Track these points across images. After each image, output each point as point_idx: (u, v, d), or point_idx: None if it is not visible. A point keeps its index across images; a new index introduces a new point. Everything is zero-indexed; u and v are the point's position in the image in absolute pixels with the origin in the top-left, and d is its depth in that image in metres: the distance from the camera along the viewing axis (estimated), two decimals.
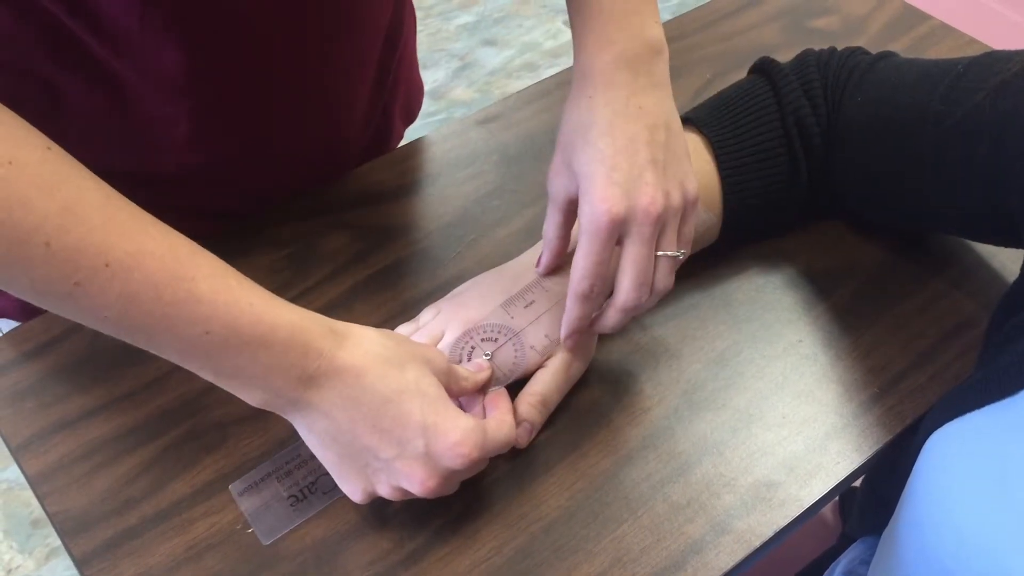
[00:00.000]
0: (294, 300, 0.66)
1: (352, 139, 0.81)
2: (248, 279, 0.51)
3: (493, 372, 0.60)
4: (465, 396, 0.58)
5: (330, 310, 0.67)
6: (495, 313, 0.62)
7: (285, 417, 0.52)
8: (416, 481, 0.51)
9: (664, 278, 0.57)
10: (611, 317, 0.58)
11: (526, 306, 0.62)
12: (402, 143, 0.91)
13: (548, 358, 0.61)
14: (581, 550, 0.56)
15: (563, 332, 0.59)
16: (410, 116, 0.93)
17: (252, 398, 0.50)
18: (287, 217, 0.74)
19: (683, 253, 0.58)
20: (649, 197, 0.55)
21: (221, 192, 0.75)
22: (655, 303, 0.59)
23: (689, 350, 0.66)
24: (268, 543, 0.56)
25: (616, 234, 0.55)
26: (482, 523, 0.57)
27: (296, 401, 0.50)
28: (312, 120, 0.75)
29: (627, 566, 0.55)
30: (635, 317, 0.60)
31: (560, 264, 0.63)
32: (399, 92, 0.86)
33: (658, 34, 0.58)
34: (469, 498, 0.58)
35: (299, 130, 0.74)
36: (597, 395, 0.63)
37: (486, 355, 0.61)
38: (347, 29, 0.70)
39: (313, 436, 0.52)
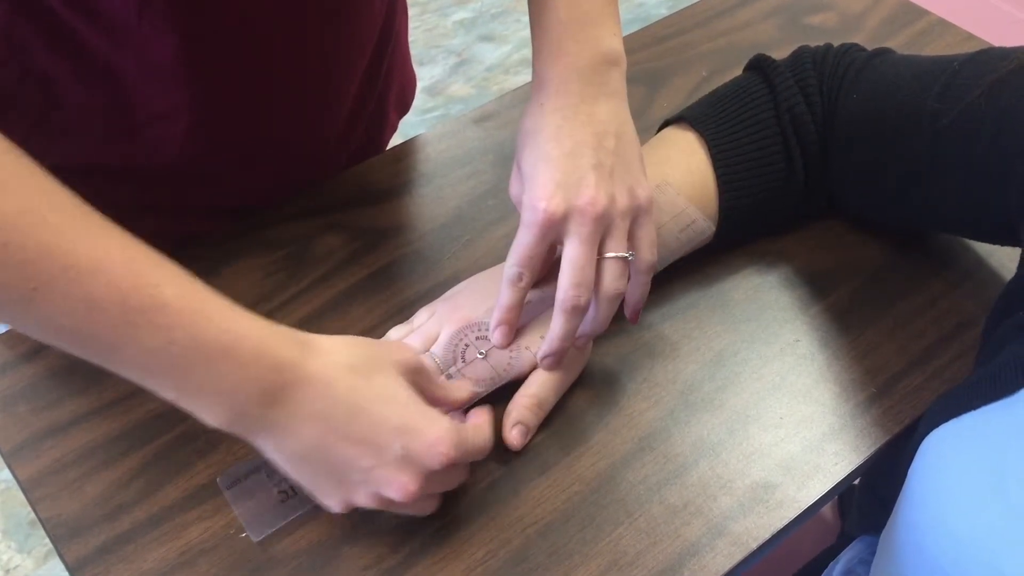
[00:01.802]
0: (288, 302, 0.67)
1: (347, 129, 0.81)
2: (213, 289, 0.49)
3: (473, 393, 0.59)
4: (439, 402, 0.56)
5: (324, 312, 0.67)
6: (490, 312, 0.62)
7: (250, 440, 0.50)
8: (397, 487, 0.50)
9: (613, 280, 0.57)
10: (555, 320, 0.57)
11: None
12: (398, 140, 0.90)
13: None
14: (577, 553, 0.55)
15: (495, 317, 0.60)
16: (404, 106, 0.93)
17: (216, 417, 0.48)
18: (281, 219, 0.73)
19: (631, 255, 0.58)
20: (589, 198, 0.55)
21: (218, 187, 0.75)
22: (612, 309, 0.59)
23: (686, 350, 0.65)
24: (259, 540, 0.55)
25: (552, 230, 0.56)
26: (478, 526, 0.56)
27: (262, 419, 0.48)
28: (309, 110, 0.74)
29: (623, 569, 0.55)
30: (598, 332, 0.60)
31: (547, 272, 0.62)
32: (393, 82, 0.86)
33: (615, 45, 0.59)
34: (465, 501, 0.57)
35: (296, 121, 0.74)
36: (593, 396, 0.63)
37: (480, 353, 0.61)
38: (344, 19, 0.70)
39: (282, 456, 0.50)
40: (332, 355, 0.50)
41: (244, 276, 0.69)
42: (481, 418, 0.57)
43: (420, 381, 0.54)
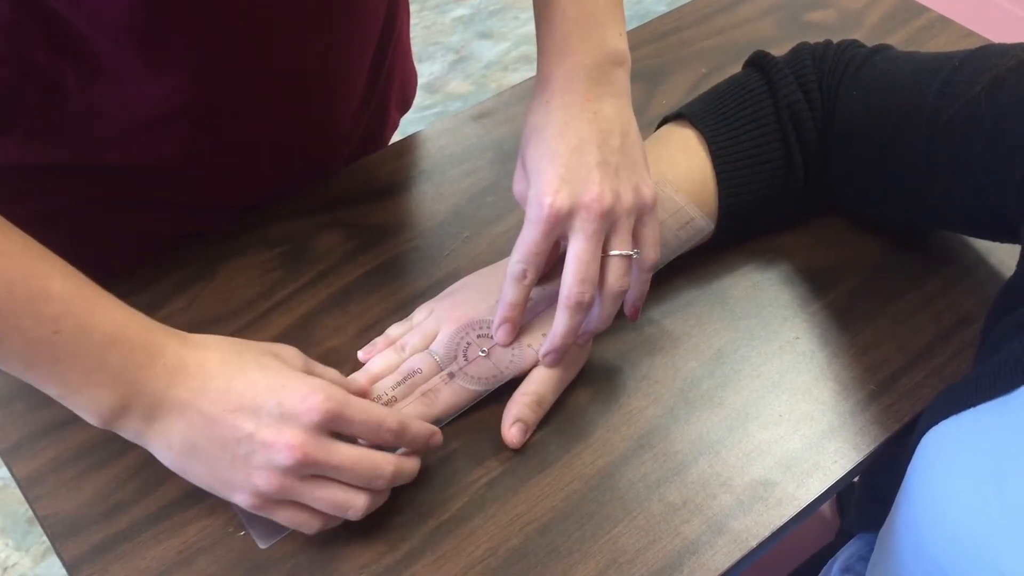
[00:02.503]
0: (286, 299, 0.67)
1: (349, 128, 0.81)
2: (102, 289, 0.50)
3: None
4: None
5: (323, 309, 0.67)
6: (491, 310, 0.61)
7: (137, 440, 0.51)
8: (284, 448, 0.49)
9: (618, 278, 0.57)
10: (559, 317, 0.57)
11: None
12: (396, 136, 0.90)
13: None
14: (576, 551, 0.55)
15: (499, 314, 0.60)
16: (405, 104, 0.92)
17: (101, 410, 0.49)
18: (279, 216, 0.73)
19: (636, 253, 0.58)
20: (594, 194, 0.55)
21: (220, 186, 0.74)
22: (615, 306, 0.59)
23: (685, 348, 0.65)
24: (265, 547, 0.55)
25: (558, 226, 0.56)
26: (476, 524, 0.56)
27: (147, 411, 0.49)
28: (313, 109, 0.74)
29: (622, 567, 0.55)
30: (601, 329, 0.60)
31: (550, 270, 0.62)
32: (394, 80, 0.86)
33: (620, 46, 0.59)
34: (463, 499, 0.57)
35: (300, 120, 0.74)
36: (592, 394, 0.63)
37: (482, 352, 0.61)
38: (347, 17, 0.70)
39: (174, 453, 0.51)
40: (209, 348, 0.52)
41: (243, 273, 0.69)
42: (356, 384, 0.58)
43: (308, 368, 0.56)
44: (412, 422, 0.54)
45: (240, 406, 0.50)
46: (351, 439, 0.53)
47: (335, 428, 0.51)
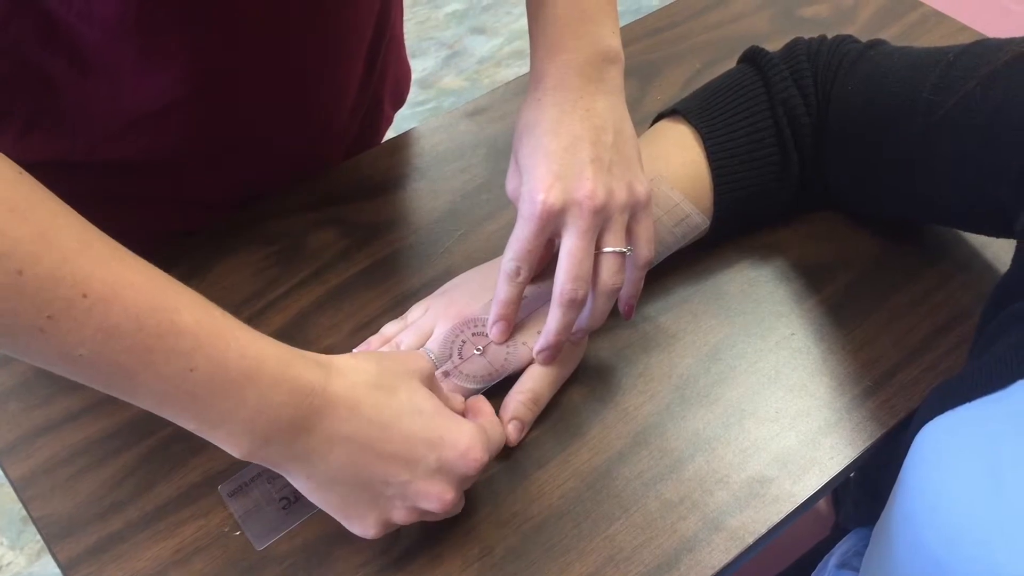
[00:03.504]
0: (280, 298, 0.67)
1: (343, 124, 0.80)
2: (233, 317, 0.47)
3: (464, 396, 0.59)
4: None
5: (317, 308, 0.66)
6: (486, 308, 0.61)
7: (278, 470, 0.49)
8: (434, 498, 0.49)
9: (611, 275, 0.57)
10: (552, 314, 0.57)
11: None
12: (391, 132, 0.90)
13: None
14: (573, 549, 0.55)
15: (493, 312, 0.59)
16: (399, 101, 0.92)
17: (240, 446, 0.46)
18: (273, 214, 0.73)
19: (629, 250, 0.58)
20: (587, 191, 0.55)
21: (214, 181, 0.74)
22: (609, 304, 0.59)
23: (681, 345, 0.65)
24: (261, 548, 0.55)
25: (551, 223, 0.56)
26: (473, 523, 0.56)
27: (290, 447, 0.47)
28: (306, 105, 0.74)
29: (619, 565, 0.55)
30: (595, 327, 0.59)
31: (543, 267, 0.62)
32: (388, 76, 0.86)
33: (614, 44, 0.59)
34: None
35: (293, 116, 0.74)
36: (588, 391, 0.63)
37: (477, 350, 0.60)
38: (342, 12, 0.70)
39: (312, 483, 0.49)
40: (353, 375, 0.49)
41: (237, 272, 0.69)
42: (488, 411, 0.57)
43: (434, 387, 0.54)
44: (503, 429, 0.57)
45: (395, 456, 0.48)
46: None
47: None
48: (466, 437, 0.50)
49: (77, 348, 0.41)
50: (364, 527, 0.51)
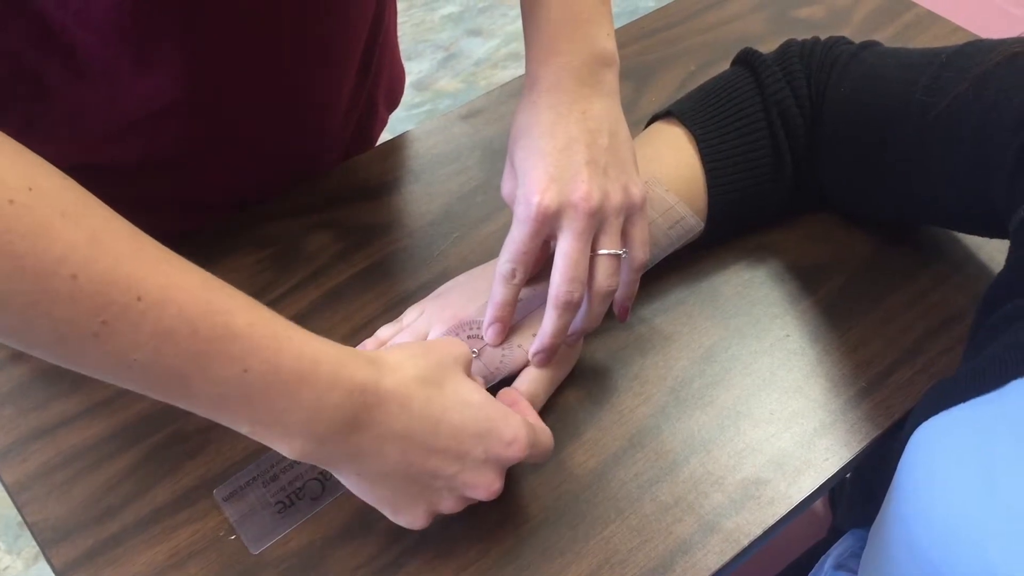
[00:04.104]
0: (276, 301, 0.67)
1: (338, 126, 0.80)
2: (285, 319, 0.47)
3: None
4: None
5: (313, 311, 0.66)
6: (481, 310, 0.61)
7: (328, 468, 0.49)
8: (483, 487, 0.50)
9: (606, 277, 0.57)
10: (548, 316, 0.57)
11: None
12: (386, 134, 0.90)
13: None
14: (568, 552, 0.55)
15: (488, 314, 0.59)
16: (393, 102, 0.92)
17: (296, 446, 0.46)
18: (268, 217, 0.73)
19: (624, 252, 0.58)
20: (583, 193, 0.55)
21: (209, 183, 0.74)
22: (604, 306, 0.59)
23: (676, 346, 0.65)
24: (257, 552, 0.55)
25: (546, 225, 0.56)
26: (468, 526, 0.56)
27: (344, 445, 0.47)
28: (300, 108, 0.74)
29: (615, 568, 0.55)
30: (590, 329, 0.59)
31: (539, 270, 0.62)
32: (382, 78, 0.86)
33: (608, 46, 0.59)
34: None
35: (287, 118, 0.74)
36: (583, 394, 0.63)
37: (472, 352, 0.60)
38: (337, 14, 0.70)
39: (363, 480, 0.50)
40: (402, 370, 0.49)
41: (232, 274, 0.68)
42: (537, 420, 0.56)
43: (468, 372, 0.54)
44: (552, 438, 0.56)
45: (446, 450, 0.49)
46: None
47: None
48: (511, 428, 0.51)
49: (132, 353, 0.41)
50: (413, 518, 0.51)
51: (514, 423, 0.51)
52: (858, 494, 0.76)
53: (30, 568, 1.42)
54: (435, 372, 0.50)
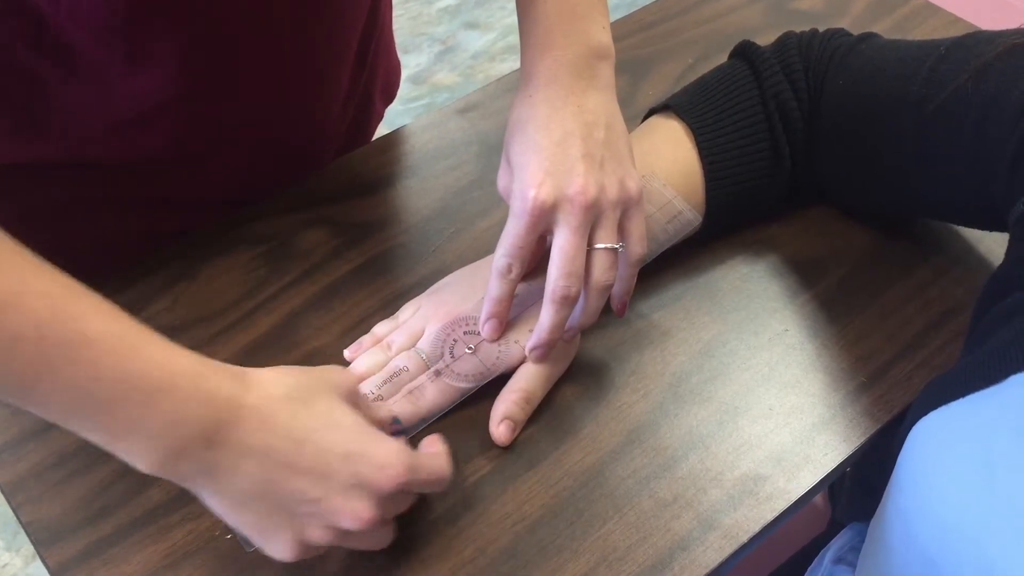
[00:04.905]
0: (271, 299, 0.67)
1: (334, 121, 0.80)
2: (142, 324, 0.45)
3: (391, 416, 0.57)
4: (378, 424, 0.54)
5: (308, 308, 0.66)
6: (478, 306, 0.61)
7: (186, 485, 0.47)
8: (350, 515, 0.47)
9: (603, 272, 0.57)
10: (545, 311, 0.57)
11: None
12: (382, 128, 0.90)
13: None
14: (566, 549, 0.55)
15: (485, 310, 0.59)
16: (389, 96, 0.92)
17: (150, 460, 0.44)
18: (263, 213, 0.72)
19: (621, 246, 0.58)
20: (579, 186, 0.55)
21: (206, 180, 0.74)
22: (601, 301, 0.58)
23: (674, 342, 0.65)
24: (251, 551, 0.54)
25: (542, 219, 0.55)
26: (465, 524, 0.56)
27: (201, 460, 0.45)
28: (296, 104, 0.74)
29: (613, 565, 0.54)
30: (587, 324, 0.59)
31: (535, 265, 0.62)
32: (378, 72, 0.86)
33: (604, 40, 0.59)
34: (452, 498, 0.57)
35: (283, 114, 0.73)
36: (581, 390, 0.62)
37: (469, 348, 0.60)
38: (332, 10, 0.69)
39: (224, 500, 0.47)
40: (269, 387, 0.47)
41: (227, 272, 0.68)
42: (436, 446, 0.54)
43: (358, 403, 0.52)
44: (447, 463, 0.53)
45: (310, 471, 0.46)
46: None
47: (402, 490, 0.49)
48: (384, 452, 0.48)
49: None
50: (281, 548, 0.48)
51: (389, 447, 0.48)
52: (857, 488, 0.76)
53: (29, 565, 1.42)
54: (305, 392, 0.48)
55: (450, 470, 0.53)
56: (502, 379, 0.60)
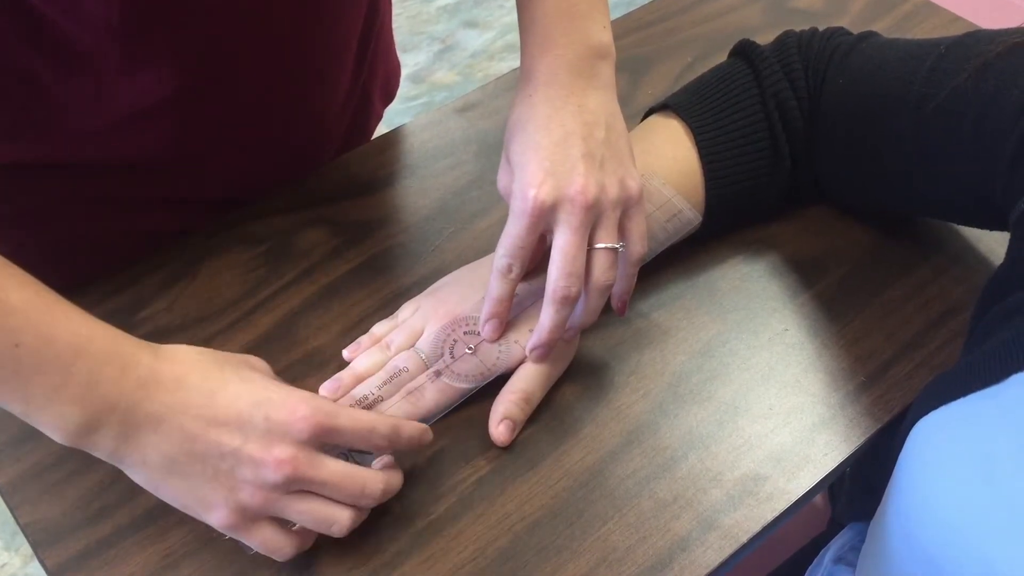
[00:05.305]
0: (270, 298, 0.67)
1: (333, 121, 0.80)
2: (64, 299, 0.47)
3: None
4: None
5: (307, 308, 0.66)
6: (477, 306, 0.61)
7: (107, 458, 0.48)
8: (272, 464, 0.47)
9: (603, 271, 0.57)
10: (545, 311, 0.57)
11: None
12: (381, 127, 0.89)
13: None
14: (566, 550, 0.55)
15: (485, 310, 0.59)
16: (388, 96, 0.92)
17: (68, 427, 0.46)
18: (262, 213, 0.72)
19: (622, 246, 0.58)
20: (579, 186, 0.55)
21: (204, 180, 0.74)
22: (601, 300, 0.58)
23: (673, 342, 0.65)
24: (251, 552, 0.54)
25: (542, 219, 0.55)
26: (464, 524, 0.56)
27: (120, 426, 0.47)
28: (296, 103, 0.74)
29: (613, 565, 0.54)
30: (587, 324, 0.59)
31: (535, 264, 0.62)
32: (377, 71, 0.86)
33: (604, 39, 0.59)
34: (451, 499, 0.57)
35: (283, 113, 0.73)
36: (580, 390, 0.62)
37: (469, 349, 0.60)
38: (331, 9, 0.69)
39: (150, 468, 0.48)
40: (180, 353, 0.50)
41: (225, 272, 0.68)
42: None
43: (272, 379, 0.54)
44: (403, 424, 0.53)
45: (225, 420, 0.48)
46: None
47: (325, 440, 0.50)
48: (295, 397, 0.49)
49: None
50: (218, 513, 0.49)
51: (300, 393, 0.50)
52: (857, 488, 0.76)
53: (28, 565, 1.42)
54: (217, 358, 0.51)
55: (386, 425, 0.52)
56: (502, 379, 0.60)
